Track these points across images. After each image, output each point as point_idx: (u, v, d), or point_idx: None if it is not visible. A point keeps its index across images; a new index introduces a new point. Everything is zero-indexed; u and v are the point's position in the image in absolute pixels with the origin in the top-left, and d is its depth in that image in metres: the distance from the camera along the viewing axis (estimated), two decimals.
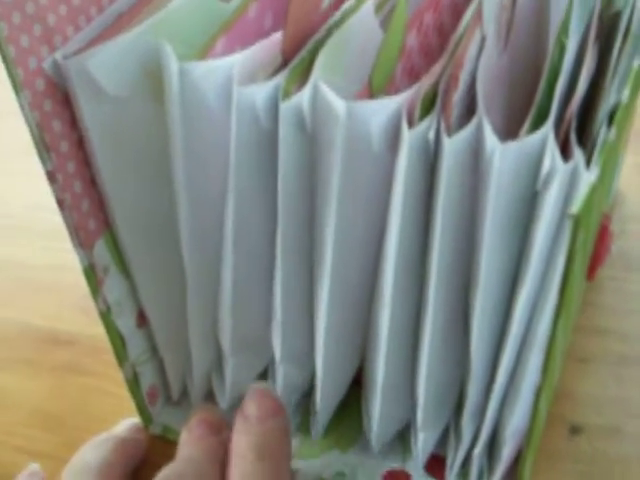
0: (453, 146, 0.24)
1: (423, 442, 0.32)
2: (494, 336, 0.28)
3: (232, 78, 0.25)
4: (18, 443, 0.36)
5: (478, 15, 0.28)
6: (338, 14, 0.28)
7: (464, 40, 0.26)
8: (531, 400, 0.27)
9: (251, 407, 0.31)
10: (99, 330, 0.32)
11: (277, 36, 0.27)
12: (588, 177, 0.23)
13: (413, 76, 0.31)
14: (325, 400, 0.33)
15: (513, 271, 0.27)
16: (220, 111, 0.26)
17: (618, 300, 0.40)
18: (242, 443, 0.30)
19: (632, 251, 0.42)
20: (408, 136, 0.24)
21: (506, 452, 0.30)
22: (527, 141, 0.24)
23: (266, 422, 0.30)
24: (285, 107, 0.25)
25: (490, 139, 0.24)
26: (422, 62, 0.32)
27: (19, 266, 0.45)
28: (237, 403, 0.35)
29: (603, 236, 0.32)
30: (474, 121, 0.24)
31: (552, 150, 0.24)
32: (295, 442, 0.34)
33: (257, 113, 0.26)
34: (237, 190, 0.27)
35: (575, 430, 0.34)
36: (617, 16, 0.32)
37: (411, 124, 0.25)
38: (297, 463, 0.34)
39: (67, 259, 0.42)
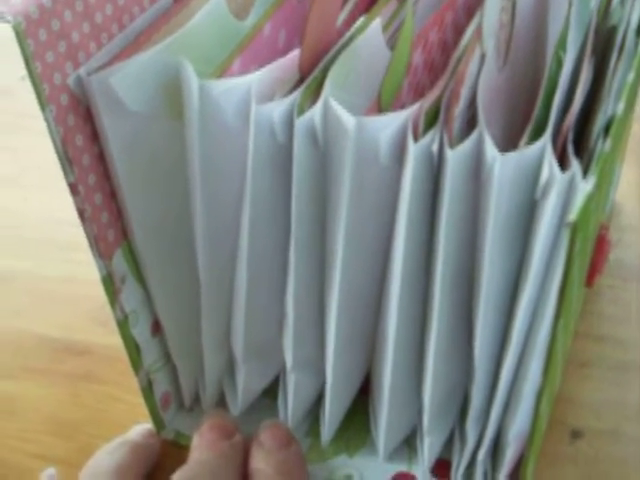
0: (455, 158, 0.25)
1: (429, 446, 0.33)
2: (496, 341, 0.29)
3: (250, 96, 0.27)
4: (34, 449, 0.37)
5: (478, 33, 0.29)
6: (349, 32, 0.30)
7: (465, 57, 0.28)
8: (533, 404, 0.28)
9: (267, 437, 0.33)
10: (112, 340, 0.33)
11: (294, 54, 0.28)
12: (585, 186, 0.24)
13: (419, 92, 0.32)
14: (334, 406, 0.34)
15: (514, 277, 0.28)
16: (238, 127, 0.27)
17: (616, 308, 0.41)
18: (261, 465, 0.32)
19: (629, 260, 0.43)
20: (413, 149, 0.26)
21: (509, 455, 0.31)
22: (526, 152, 0.25)
23: (282, 450, 0.32)
24: (299, 123, 0.26)
25: (490, 150, 0.25)
26: (427, 78, 0.33)
27: (34, 277, 0.46)
28: (249, 410, 0.36)
29: (601, 245, 0.33)
30: (475, 133, 0.25)
31: (550, 160, 0.25)
32: (304, 446, 0.35)
33: (274, 129, 0.27)
34: (253, 202, 0.29)
35: (576, 434, 0.35)
36: (613, 30, 0.33)
37: (416, 137, 0.26)
38: (306, 467, 0.35)
39: (81, 271, 0.44)
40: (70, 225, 0.29)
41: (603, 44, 0.34)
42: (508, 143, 0.30)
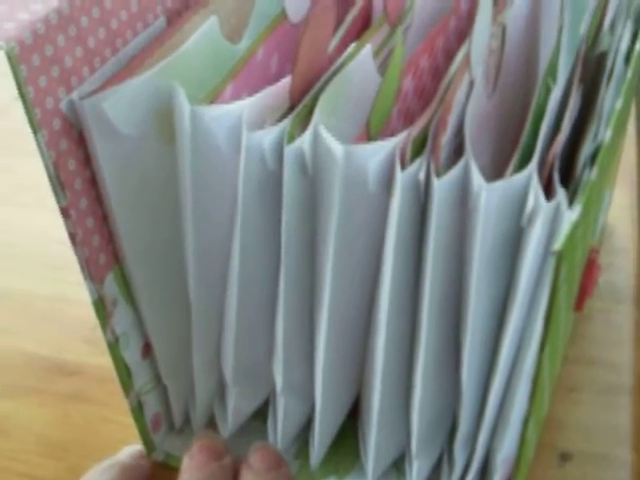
0: (442, 186, 0.26)
1: (417, 470, 0.33)
2: (484, 367, 0.30)
3: (242, 122, 0.27)
4: (24, 470, 0.37)
5: (466, 60, 0.29)
6: (340, 59, 0.30)
7: (453, 84, 0.28)
8: (520, 429, 0.28)
9: (256, 459, 0.33)
10: (103, 360, 0.33)
11: (285, 81, 0.29)
12: (570, 215, 0.24)
13: (409, 118, 0.33)
14: (323, 429, 0.34)
15: (501, 304, 0.28)
16: (229, 153, 0.28)
17: (607, 331, 0.41)
18: None
19: (620, 283, 0.43)
20: (400, 177, 0.26)
21: (497, 479, 0.31)
22: (512, 181, 0.25)
23: (271, 472, 0.32)
24: (289, 151, 0.27)
25: (477, 179, 0.25)
26: (417, 104, 0.33)
27: (26, 296, 0.46)
28: (238, 432, 0.36)
29: (591, 269, 0.33)
30: (462, 162, 0.26)
31: (535, 189, 0.25)
32: (294, 469, 0.35)
33: (264, 156, 0.27)
34: (243, 227, 0.29)
35: (565, 457, 0.36)
36: (603, 56, 0.33)
37: (403, 166, 0.26)
38: None
39: (73, 291, 0.44)
40: (63, 245, 0.29)
41: (593, 70, 0.34)
42: (497, 170, 0.30)
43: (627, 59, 0.33)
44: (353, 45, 0.30)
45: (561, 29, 0.33)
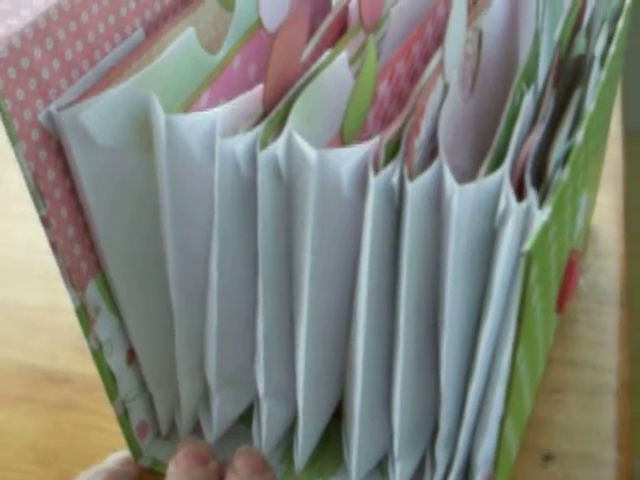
0: (415, 189, 0.26)
1: (400, 471, 0.33)
2: (462, 368, 0.30)
3: (215, 130, 0.27)
4: (14, 477, 0.38)
5: (440, 64, 0.29)
6: (314, 66, 0.30)
7: (425, 89, 0.28)
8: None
9: (241, 464, 0.33)
10: (92, 369, 0.33)
11: (259, 88, 0.29)
12: (540, 216, 0.25)
13: (386, 123, 0.33)
14: (307, 432, 0.34)
15: (477, 305, 0.28)
16: (204, 161, 0.28)
17: (591, 332, 0.41)
18: None
19: (605, 285, 0.43)
20: (374, 181, 0.26)
21: (479, 479, 0.32)
22: (484, 183, 0.26)
23: (256, 476, 0.33)
24: (262, 157, 0.27)
25: (449, 182, 0.26)
26: (395, 109, 0.34)
27: (15, 306, 0.46)
28: (224, 436, 0.36)
29: (571, 271, 0.34)
30: (434, 165, 0.26)
31: (507, 191, 0.25)
32: (279, 473, 0.36)
33: (238, 162, 0.28)
34: (220, 234, 0.29)
35: (548, 458, 0.36)
36: (580, 60, 0.34)
37: (377, 170, 0.26)
38: None
39: (63, 300, 0.44)
40: (50, 255, 0.29)
41: (570, 74, 0.34)
42: (475, 172, 0.30)
43: (602, 63, 0.34)
44: (328, 52, 0.31)
45: (537, 33, 0.33)
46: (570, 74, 0.34)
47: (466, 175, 0.32)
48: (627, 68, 1.15)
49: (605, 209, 0.48)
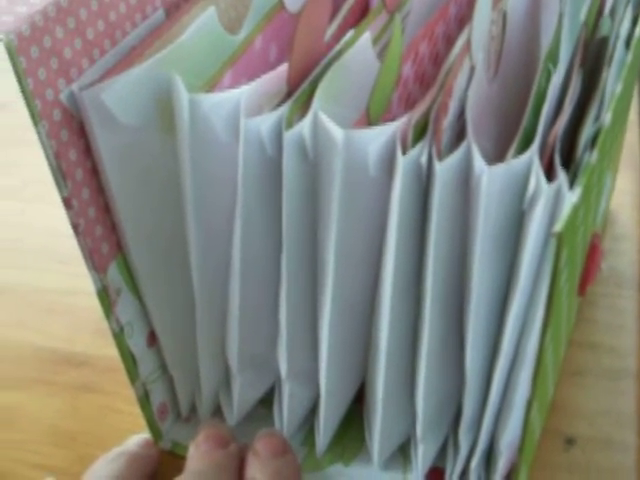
0: (444, 170, 0.26)
1: (423, 454, 0.33)
2: (487, 351, 0.30)
3: (239, 109, 0.27)
4: (34, 459, 0.38)
5: (467, 45, 0.29)
6: (338, 46, 0.30)
7: (453, 69, 0.28)
8: (523, 413, 0.28)
9: (262, 445, 0.33)
10: (111, 351, 0.33)
11: (283, 68, 0.29)
12: (571, 197, 0.24)
13: (409, 104, 0.33)
14: (328, 415, 0.34)
15: (504, 287, 0.28)
16: (228, 140, 0.28)
17: (610, 316, 0.41)
18: (256, 474, 0.32)
19: (624, 268, 0.43)
20: (402, 161, 0.26)
21: (502, 463, 0.32)
22: (513, 164, 0.25)
23: (277, 459, 0.32)
24: (288, 136, 0.27)
25: (478, 163, 0.25)
26: (418, 91, 0.33)
27: (35, 289, 0.46)
28: (245, 420, 0.36)
29: (593, 254, 0.33)
30: (463, 146, 0.26)
31: (537, 172, 0.25)
32: (300, 455, 0.36)
33: (263, 142, 0.27)
34: (244, 214, 0.29)
35: (570, 441, 0.36)
36: (604, 41, 0.33)
37: (405, 150, 0.26)
38: (302, 476, 0.35)
39: (81, 283, 0.44)
40: (70, 237, 0.29)
41: (594, 55, 0.34)
42: (500, 154, 0.30)
43: (627, 43, 0.33)
44: (351, 32, 0.30)
45: (561, 15, 0.33)
46: (594, 55, 0.34)
47: (490, 156, 0.32)
48: None
49: (622, 193, 0.48)
